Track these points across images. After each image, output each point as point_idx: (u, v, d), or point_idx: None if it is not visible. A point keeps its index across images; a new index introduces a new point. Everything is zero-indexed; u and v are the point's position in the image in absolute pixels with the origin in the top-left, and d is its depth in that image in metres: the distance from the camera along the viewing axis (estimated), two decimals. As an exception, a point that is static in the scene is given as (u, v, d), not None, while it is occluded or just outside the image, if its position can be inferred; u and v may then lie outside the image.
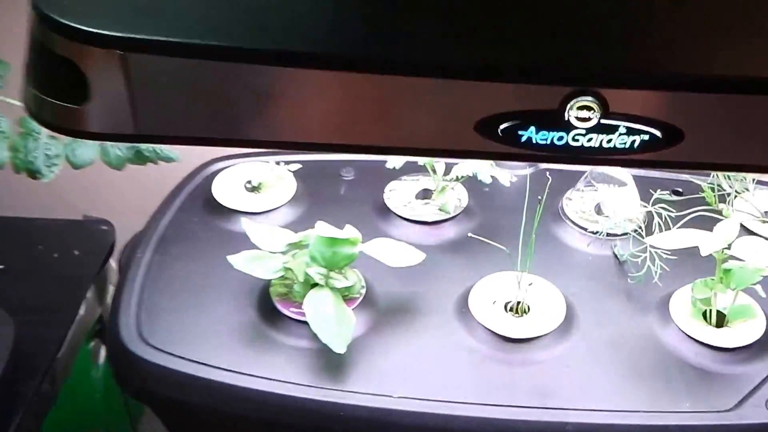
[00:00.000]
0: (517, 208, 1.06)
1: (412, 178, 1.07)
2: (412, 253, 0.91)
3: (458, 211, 1.02)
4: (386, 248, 0.90)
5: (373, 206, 1.06)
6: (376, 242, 0.91)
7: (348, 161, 1.14)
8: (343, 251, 0.86)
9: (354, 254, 0.87)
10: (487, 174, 0.99)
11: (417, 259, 0.91)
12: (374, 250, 0.90)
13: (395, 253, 0.90)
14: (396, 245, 0.91)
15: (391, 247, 0.91)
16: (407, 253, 0.91)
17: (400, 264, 0.90)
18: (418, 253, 0.91)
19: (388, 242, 0.91)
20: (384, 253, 0.89)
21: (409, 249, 0.91)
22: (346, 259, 0.87)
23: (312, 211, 1.06)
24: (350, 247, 0.87)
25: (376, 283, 0.95)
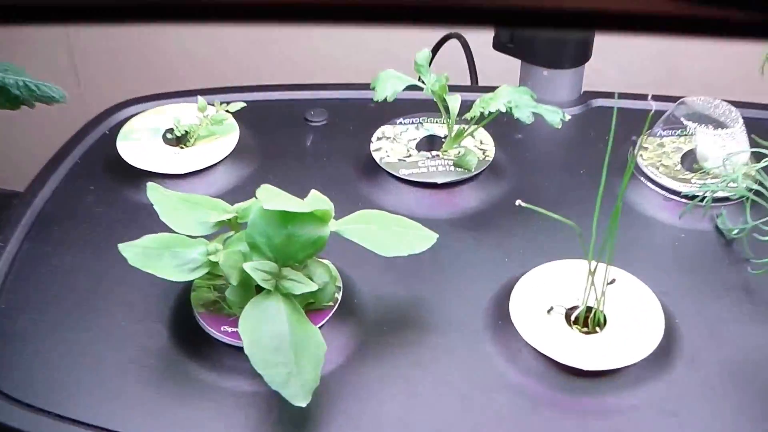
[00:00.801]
0: (566, 162, 0.72)
1: (411, 120, 0.73)
2: (416, 233, 0.57)
3: (482, 168, 0.68)
4: (375, 227, 0.56)
5: (355, 163, 0.72)
6: (360, 217, 0.57)
7: (317, 99, 0.80)
8: (303, 234, 0.52)
9: (322, 238, 0.52)
10: (528, 110, 0.64)
11: (424, 243, 0.56)
12: (356, 231, 0.55)
13: (389, 235, 0.56)
14: (390, 221, 0.57)
15: (383, 224, 0.56)
16: (408, 233, 0.57)
17: (398, 252, 0.55)
18: (425, 233, 0.57)
19: (378, 217, 0.57)
20: (372, 236, 0.55)
21: (411, 227, 0.57)
22: (309, 246, 0.52)
23: (262, 172, 0.72)
24: (316, 227, 0.52)
25: (360, 284, 0.61)
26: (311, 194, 0.56)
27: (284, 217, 0.52)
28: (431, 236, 0.57)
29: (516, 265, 0.62)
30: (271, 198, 0.51)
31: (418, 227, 0.57)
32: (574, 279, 0.59)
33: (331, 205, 0.55)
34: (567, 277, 0.59)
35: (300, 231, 0.52)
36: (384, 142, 0.70)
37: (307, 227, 0.52)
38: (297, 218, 0.52)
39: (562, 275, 0.59)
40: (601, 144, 0.73)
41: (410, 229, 0.57)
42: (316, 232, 0.52)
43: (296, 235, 0.52)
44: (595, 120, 0.76)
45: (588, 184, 0.69)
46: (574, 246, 0.62)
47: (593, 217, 0.56)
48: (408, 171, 0.67)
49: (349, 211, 0.57)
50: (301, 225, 0.52)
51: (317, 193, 0.56)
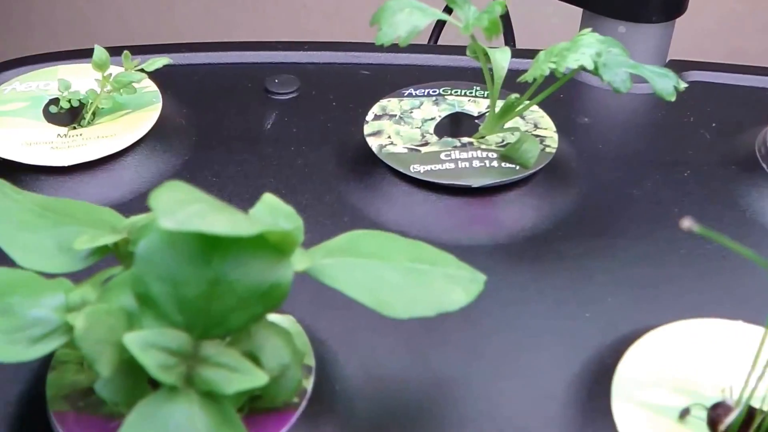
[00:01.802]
0: (659, 157, 0.48)
1: (426, 90, 0.48)
2: (448, 274, 0.31)
3: (541, 164, 0.43)
4: (375, 264, 0.31)
5: (340, 154, 0.47)
6: (348, 245, 0.31)
7: (283, 63, 0.55)
8: (242, 278, 0.27)
9: (279, 286, 0.27)
10: (624, 70, 0.39)
11: (463, 291, 0.31)
12: (342, 271, 0.30)
13: (400, 277, 0.30)
14: (402, 252, 0.31)
15: (390, 256, 0.31)
16: (434, 274, 0.31)
17: (416, 310, 0.30)
18: (463, 274, 0.31)
19: (380, 243, 0.32)
20: (369, 280, 0.30)
21: (439, 262, 0.31)
22: (255, 301, 0.27)
23: (195, 167, 0.47)
24: (267, 265, 0.27)
25: (349, 361, 0.36)
26: (262, 201, 0.31)
27: (205, 247, 0.27)
28: (475, 279, 0.32)
29: (608, 326, 0.37)
30: (176, 208, 0.25)
31: (450, 262, 0.32)
32: (720, 354, 0.34)
33: (297, 222, 0.30)
34: (706, 350, 0.34)
35: (236, 273, 0.27)
36: (385, 123, 0.45)
37: (251, 265, 0.27)
38: (230, 249, 0.27)
39: (698, 348, 0.34)
40: (705, 131, 0.49)
41: (438, 266, 0.32)
42: (268, 275, 0.27)
43: (228, 281, 0.27)
44: (693, 99, 0.52)
45: (698, 190, 0.45)
46: (710, 295, 0.38)
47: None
48: (424, 167, 0.42)
49: (331, 233, 0.33)
50: (238, 261, 0.27)
51: (273, 199, 0.31)
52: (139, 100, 0.48)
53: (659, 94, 0.40)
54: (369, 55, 0.54)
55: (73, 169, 0.45)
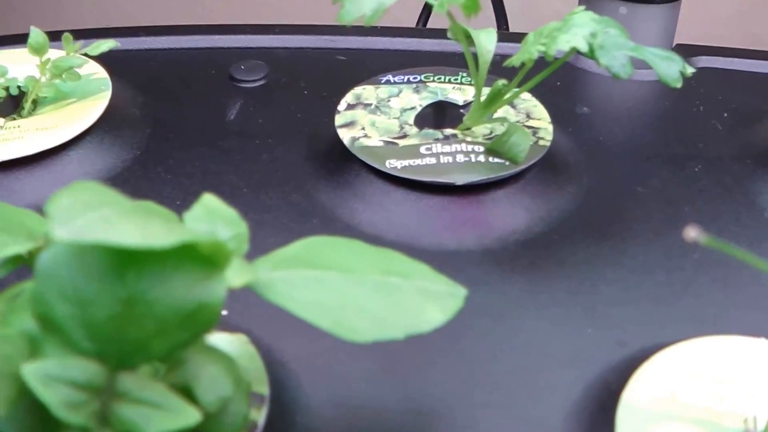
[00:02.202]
0: (666, 151, 0.43)
1: (406, 77, 0.43)
2: (423, 288, 0.26)
3: (534, 158, 0.38)
4: (334, 276, 0.25)
5: (309, 148, 0.42)
6: (303, 253, 0.26)
7: (249, 48, 0.50)
8: (164, 297, 0.22)
9: (209, 306, 0.22)
10: (623, 53, 0.34)
11: (440, 308, 0.26)
12: (293, 287, 0.25)
13: (366, 294, 0.25)
14: (369, 261, 0.26)
15: (354, 267, 0.26)
16: (407, 289, 0.26)
17: (383, 332, 0.25)
18: (440, 288, 0.26)
19: (343, 251, 0.27)
20: (327, 297, 0.25)
21: (413, 274, 0.26)
22: (180, 325, 0.22)
23: (147, 164, 0.42)
24: (194, 280, 0.22)
25: (311, 387, 0.31)
26: (200, 203, 0.26)
27: (118, 260, 0.22)
28: (454, 294, 0.27)
29: (612, 344, 0.32)
30: (75, 214, 0.20)
31: (425, 274, 0.27)
32: (742, 378, 0.29)
33: (239, 228, 0.25)
34: (726, 373, 0.29)
35: (155, 291, 0.22)
36: (359, 113, 0.40)
37: (174, 282, 0.22)
38: (148, 262, 0.21)
39: (716, 370, 0.29)
40: (717, 122, 0.44)
41: (410, 278, 0.26)
42: (195, 293, 0.22)
43: (146, 301, 0.22)
44: (703, 87, 0.47)
45: (711, 187, 0.40)
46: (729, 307, 0.33)
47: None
48: (401, 162, 0.37)
49: (297, 237, 0.28)
50: (157, 277, 0.22)
51: (212, 201, 0.26)
52: (86, 88, 0.43)
53: (663, 79, 0.35)
54: (346, 39, 0.49)
55: (8, 165, 0.40)
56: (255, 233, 0.37)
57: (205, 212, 0.26)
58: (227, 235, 0.26)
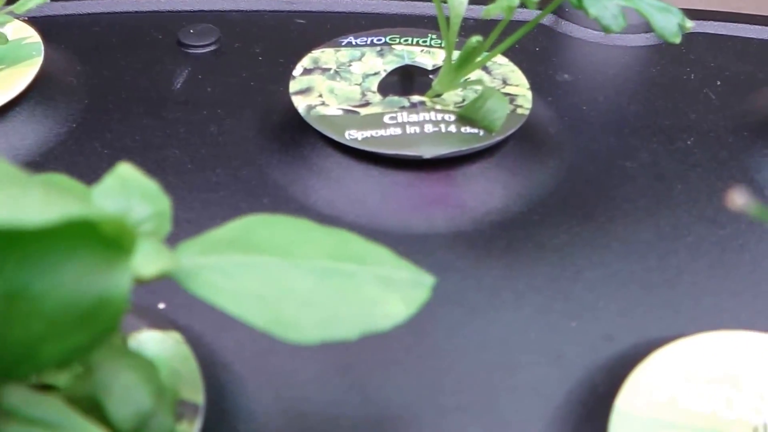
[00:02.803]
0: (656, 122, 0.39)
1: (369, 38, 0.39)
2: (380, 276, 0.22)
3: (512, 128, 0.34)
4: (275, 262, 0.21)
5: (262, 118, 0.38)
6: (239, 234, 0.22)
7: (199, 12, 0.45)
8: (56, 292, 0.18)
9: (113, 300, 0.18)
10: (615, 3, 0.30)
11: (401, 301, 0.22)
12: (223, 275, 0.21)
13: (310, 284, 0.21)
14: (317, 245, 0.22)
15: (298, 252, 0.22)
16: (361, 277, 0.22)
17: (332, 330, 0.21)
18: (403, 276, 0.22)
19: (287, 232, 0.23)
20: (264, 288, 0.21)
21: (369, 260, 0.22)
22: (75, 323, 0.18)
23: (81, 138, 0.37)
24: (89, 272, 0.18)
25: (256, 392, 0.27)
26: (113, 174, 0.22)
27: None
28: (419, 283, 0.23)
29: (601, 341, 0.28)
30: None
31: (385, 260, 0.23)
32: (749, 380, 0.25)
33: (160, 204, 0.21)
34: (730, 374, 0.25)
35: (42, 283, 0.17)
36: (316, 79, 0.36)
37: (66, 272, 0.18)
38: (33, 248, 0.17)
39: (719, 371, 0.26)
40: (710, 91, 0.40)
41: (367, 264, 0.22)
42: (91, 285, 0.18)
43: (31, 297, 0.17)
44: (694, 53, 0.43)
45: (705, 162, 0.36)
46: (730, 297, 0.29)
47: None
48: (362, 133, 0.33)
49: (232, 212, 0.24)
50: (45, 265, 0.17)
51: (129, 171, 0.22)
52: (15, 53, 0.39)
53: (660, 33, 0.31)
54: (306, 1, 0.45)
55: None
56: (199, 214, 0.33)
57: (119, 185, 0.22)
58: (144, 212, 0.22)
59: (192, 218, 0.33)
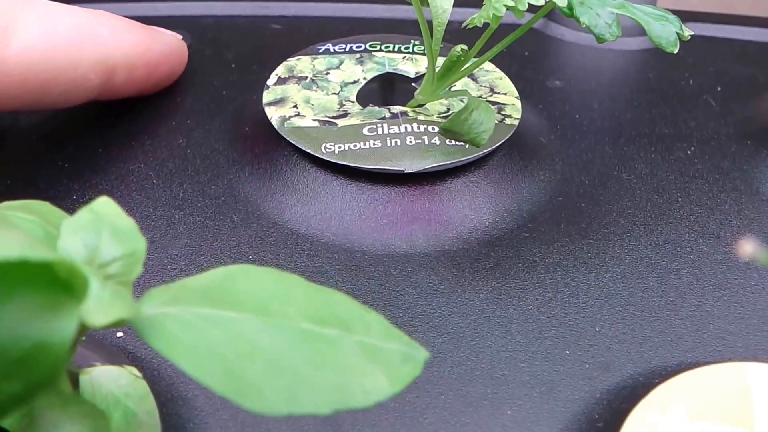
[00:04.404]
0: (651, 130, 0.37)
1: (348, 45, 0.37)
2: (364, 346, 0.20)
3: (500, 140, 0.32)
4: (247, 319, 0.19)
5: (234, 129, 0.35)
6: (212, 285, 0.20)
7: (169, 17, 0.43)
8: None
9: (52, 347, 0.16)
10: (607, 11, 0.28)
11: (384, 376, 0.19)
12: (184, 329, 0.18)
13: (286, 348, 0.19)
14: (296, 302, 0.20)
15: (273, 308, 0.19)
16: (343, 345, 0.20)
17: (305, 404, 0.18)
18: (392, 349, 0.20)
19: (265, 283, 0.20)
20: (223, 348, 0.18)
21: (351, 323, 0.20)
22: (8, 373, 0.16)
23: (43, 148, 0.35)
24: (27, 316, 0.16)
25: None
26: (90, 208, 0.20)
27: None
28: (410, 357, 0.20)
29: (597, 371, 0.26)
30: None
31: (374, 326, 0.20)
32: (763, 417, 0.23)
33: (135, 245, 0.19)
34: (740, 410, 0.23)
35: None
36: (291, 89, 0.34)
37: (4, 313, 0.15)
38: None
39: (728, 407, 0.23)
40: (710, 97, 0.38)
41: (353, 331, 0.20)
42: (34, 330, 0.16)
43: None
44: (693, 57, 0.41)
45: (706, 173, 0.34)
46: (737, 323, 0.27)
47: None
48: (339, 146, 0.31)
49: (215, 237, 0.21)
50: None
51: (108, 206, 0.20)
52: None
53: (657, 43, 0.29)
54: (282, 6, 0.42)
55: None
56: (163, 233, 0.31)
57: (91, 221, 0.20)
58: (113, 253, 0.19)
59: (155, 238, 0.30)
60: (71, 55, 0.31)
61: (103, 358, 0.25)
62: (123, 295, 0.18)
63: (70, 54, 0.31)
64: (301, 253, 0.30)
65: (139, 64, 0.34)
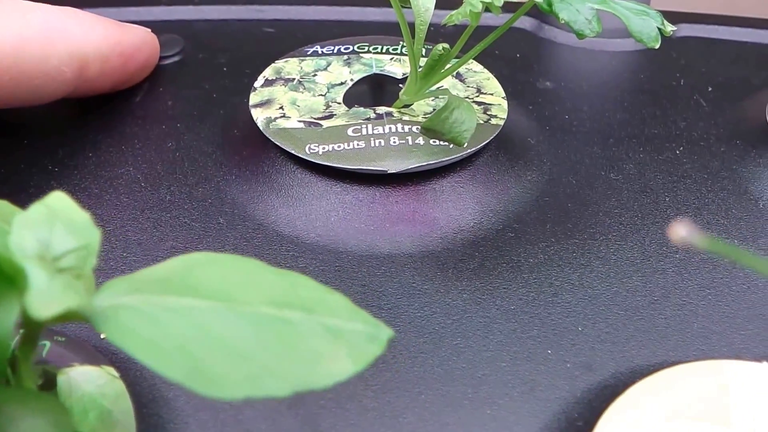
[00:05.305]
0: (641, 131, 0.36)
1: (335, 47, 0.37)
2: (326, 326, 0.20)
3: (485, 140, 0.32)
4: (206, 306, 0.19)
5: (222, 132, 0.35)
6: (174, 274, 0.20)
7: (165, 22, 0.43)
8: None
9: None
10: (589, 7, 0.28)
11: (348, 357, 0.19)
12: (140, 319, 0.18)
13: (245, 332, 0.19)
14: (256, 287, 0.20)
15: (236, 293, 0.20)
16: (306, 327, 0.20)
17: (262, 387, 0.18)
18: (354, 327, 0.20)
19: (227, 270, 0.20)
20: (180, 334, 0.18)
21: (314, 305, 0.20)
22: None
23: (38, 150, 0.35)
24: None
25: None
26: (44, 202, 0.20)
27: None
28: (374, 336, 0.20)
29: (579, 371, 0.26)
30: None
31: (338, 308, 0.20)
32: (741, 415, 0.23)
33: (88, 238, 0.19)
34: (720, 409, 0.23)
35: None
36: (278, 90, 0.34)
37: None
38: None
39: (708, 405, 0.23)
40: (701, 98, 0.38)
41: (316, 313, 0.20)
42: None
43: None
44: (684, 58, 0.40)
45: (695, 172, 0.34)
46: (721, 322, 0.27)
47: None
48: (324, 147, 0.31)
49: (200, 239, 0.22)
50: None
51: (62, 200, 0.20)
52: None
53: (637, 38, 0.28)
54: (275, 9, 0.43)
55: None
56: (150, 235, 0.31)
57: (44, 215, 0.20)
58: (66, 246, 0.19)
59: (142, 240, 0.30)
60: (43, 48, 0.31)
61: (83, 359, 0.25)
62: (74, 286, 0.18)
63: (41, 47, 0.31)
64: (286, 254, 0.30)
65: (112, 55, 0.34)
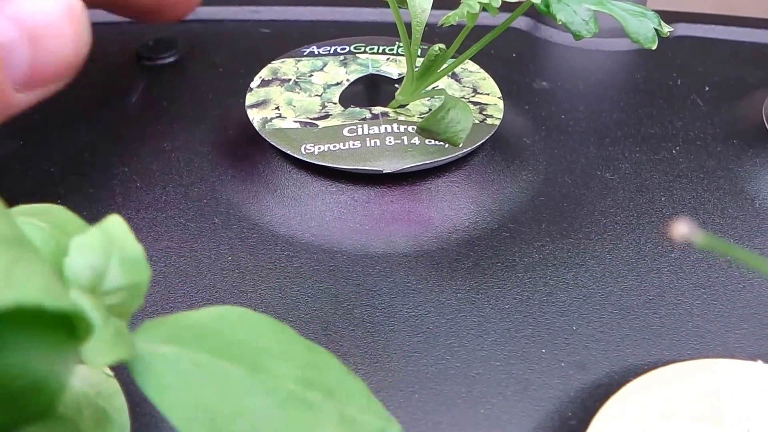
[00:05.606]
0: (638, 131, 0.36)
1: (332, 48, 0.37)
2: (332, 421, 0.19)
3: (480, 140, 0.32)
4: (238, 372, 0.18)
5: (218, 132, 0.35)
6: (209, 326, 0.19)
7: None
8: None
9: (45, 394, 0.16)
10: (585, 8, 0.28)
11: None
12: (177, 376, 0.18)
13: (266, 409, 0.18)
14: (284, 359, 0.20)
15: (267, 361, 0.19)
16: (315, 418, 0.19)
17: None
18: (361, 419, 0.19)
19: (260, 332, 0.20)
20: (213, 400, 0.18)
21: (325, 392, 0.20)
22: None
23: (29, 151, 0.35)
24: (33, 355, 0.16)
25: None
26: (97, 229, 0.20)
27: None
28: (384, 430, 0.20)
29: (573, 370, 0.26)
30: None
31: (356, 395, 0.20)
32: (734, 414, 0.23)
33: (140, 274, 0.20)
34: (713, 408, 0.23)
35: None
36: (274, 91, 0.34)
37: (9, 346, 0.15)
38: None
39: (701, 404, 0.23)
40: (698, 97, 0.38)
41: (335, 398, 0.19)
42: (34, 366, 0.16)
43: None
44: (681, 58, 0.40)
45: (691, 172, 0.34)
46: (715, 321, 0.27)
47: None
48: (319, 147, 0.31)
49: (195, 239, 0.21)
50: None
51: (116, 226, 0.20)
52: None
53: (634, 39, 0.28)
54: (271, 10, 0.43)
55: None
56: (144, 235, 0.31)
57: (101, 243, 0.19)
58: (118, 281, 0.19)
59: (137, 240, 0.30)
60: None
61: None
62: (123, 334, 0.18)
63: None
64: (281, 254, 0.30)
65: None
